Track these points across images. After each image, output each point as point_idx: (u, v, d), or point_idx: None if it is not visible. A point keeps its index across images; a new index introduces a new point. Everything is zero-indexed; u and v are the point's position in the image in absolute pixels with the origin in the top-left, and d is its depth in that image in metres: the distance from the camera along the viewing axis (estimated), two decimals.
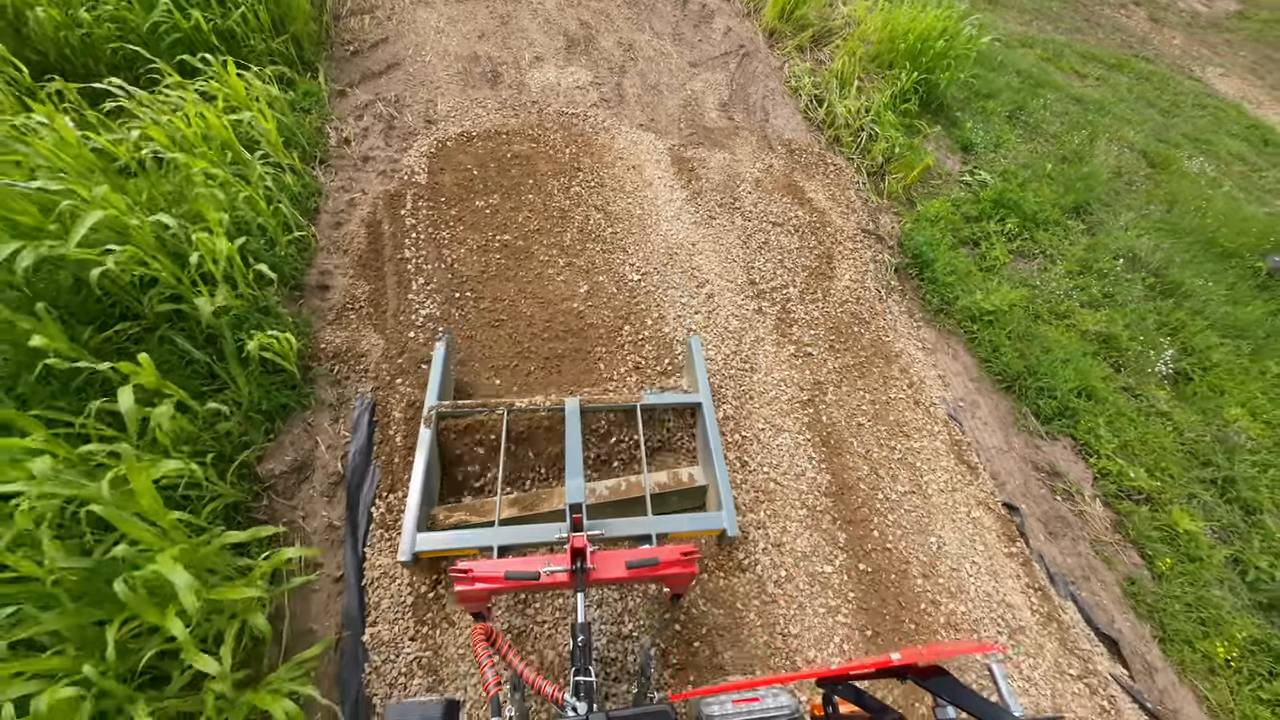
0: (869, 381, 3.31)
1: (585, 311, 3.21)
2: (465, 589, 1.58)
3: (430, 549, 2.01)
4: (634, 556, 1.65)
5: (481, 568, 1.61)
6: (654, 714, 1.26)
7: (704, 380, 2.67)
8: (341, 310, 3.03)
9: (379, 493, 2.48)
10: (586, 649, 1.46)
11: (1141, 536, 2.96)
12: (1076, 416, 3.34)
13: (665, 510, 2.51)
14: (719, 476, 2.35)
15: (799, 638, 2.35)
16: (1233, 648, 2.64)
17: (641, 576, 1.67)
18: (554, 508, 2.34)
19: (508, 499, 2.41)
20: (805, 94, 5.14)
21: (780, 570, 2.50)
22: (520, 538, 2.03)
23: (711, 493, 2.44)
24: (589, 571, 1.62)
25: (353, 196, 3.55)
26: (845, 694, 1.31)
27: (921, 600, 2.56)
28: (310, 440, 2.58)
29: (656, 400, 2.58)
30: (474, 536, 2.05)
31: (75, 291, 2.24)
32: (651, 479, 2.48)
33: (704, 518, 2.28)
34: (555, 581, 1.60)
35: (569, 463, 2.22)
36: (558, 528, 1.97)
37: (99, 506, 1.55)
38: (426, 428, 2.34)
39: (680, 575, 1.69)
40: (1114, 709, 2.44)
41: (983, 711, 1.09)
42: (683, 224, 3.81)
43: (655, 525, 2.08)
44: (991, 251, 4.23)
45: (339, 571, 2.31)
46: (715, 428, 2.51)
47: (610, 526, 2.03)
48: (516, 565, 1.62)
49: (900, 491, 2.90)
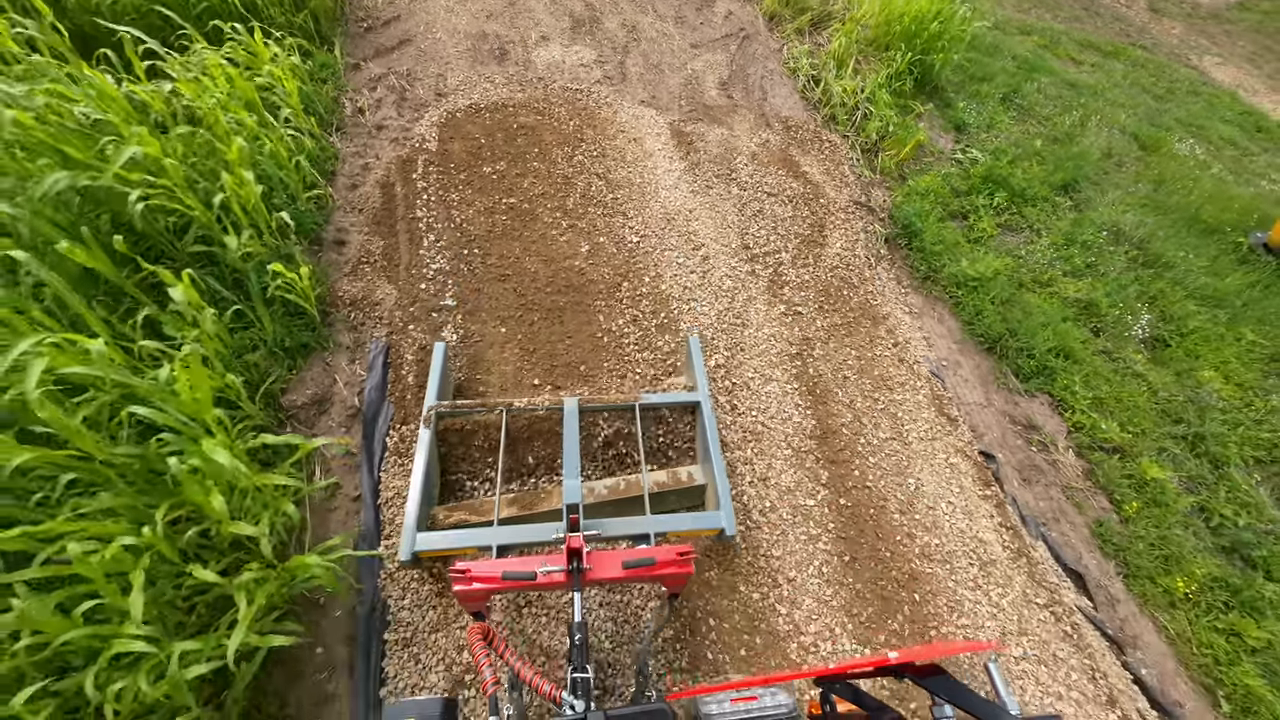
0: (856, 339, 3.48)
1: (586, 269, 3.39)
2: (463, 589, 1.58)
3: (430, 548, 2.03)
4: (630, 556, 1.65)
5: (479, 568, 1.60)
6: (651, 713, 1.25)
7: (703, 379, 2.65)
8: (357, 263, 3.22)
9: (393, 424, 2.67)
10: (583, 648, 1.47)
11: (1111, 483, 3.12)
12: (1054, 375, 3.50)
13: (664, 509, 2.51)
14: (718, 476, 2.34)
15: (781, 560, 2.52)
16: (1192, 583, 2.80)
17: (638, 576, 1.67)
18: (553, 507, 2.34)
19: (507, 498, 2.40)
20: (803, 74, 5.29)
21: (765, 501, 2.68)
22: (518, 537, 2.03)
23: (710, 492, 2.44)
24: (585, 571, 1.62)
25: (367, 161, 3.74)
26: (843, 692, 1.31)
27: (898, 533, 2.73)
28: (329, 378, 2.78)
29: (655, 399, 2.55)
30: (473, 536, 2.06)
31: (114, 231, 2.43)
32: (650, 478, 2.47)
33: (702, 517, 2.26)
34: (552, 581, 1.60)
35: (567, 463, 2.21)
36: (555, 527, 1.99)
37: (150, 402, 1.74)
38: (426, 428, 2.34)
39: (677, 575, 1.67)
40: (1076, 634, 2.60)
41: (980, 710, 1.09)
42: (681, 192, 3.98)
43: (653, 525, 2.09)
44: (979, 224, 4.38)
45: (356, 492, 2.50)
46: (714, 427, 2.50)
47: (608, 526, 2.03)
48: (513, 565, 1.63)
49: (882, 438, 3.06)
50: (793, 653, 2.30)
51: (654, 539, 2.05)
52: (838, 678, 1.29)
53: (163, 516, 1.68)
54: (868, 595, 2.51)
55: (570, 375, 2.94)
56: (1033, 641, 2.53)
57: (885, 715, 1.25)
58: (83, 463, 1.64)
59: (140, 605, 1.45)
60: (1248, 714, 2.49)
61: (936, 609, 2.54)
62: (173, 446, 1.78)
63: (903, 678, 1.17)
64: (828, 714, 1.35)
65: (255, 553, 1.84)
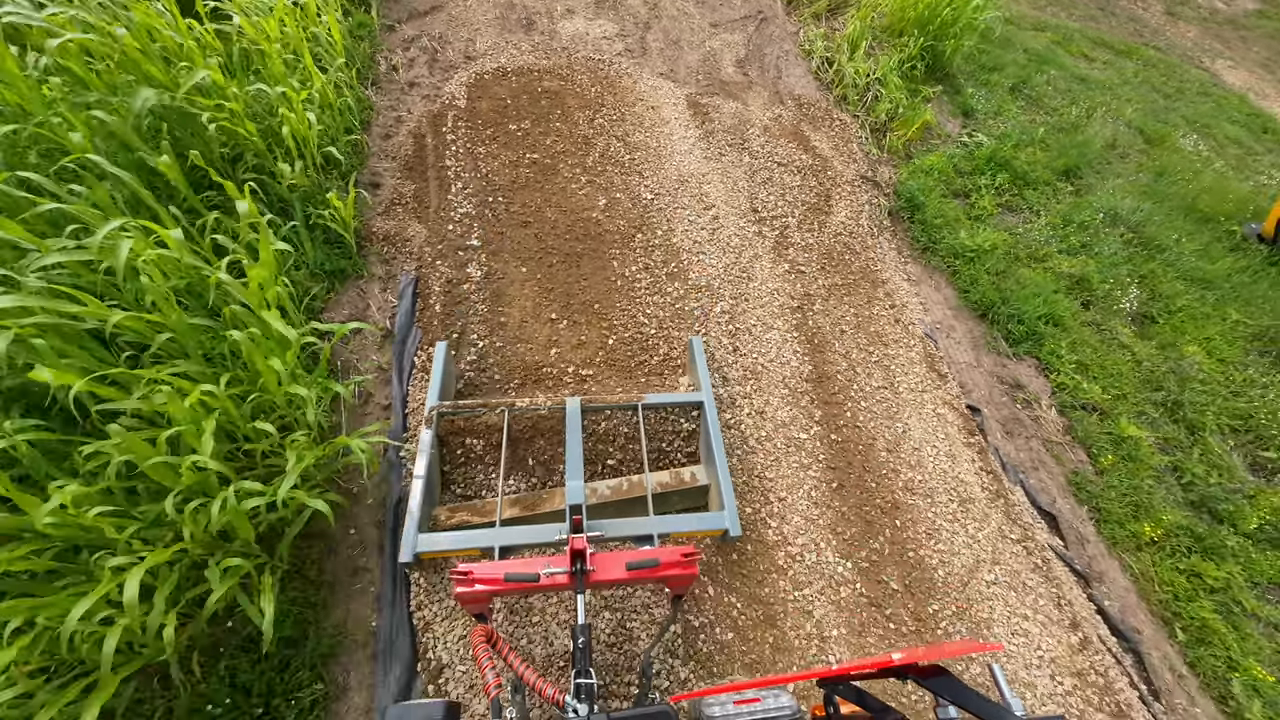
0: (855, 299, 3.67)
1: (603, 220, 3.60)
2: (465, 591, 1.58)
3: (432, 550, 2.00)
4: (634, 558, 1.65)
5: (482, 570, 1.60)
6: (655, 714, 1.25)
7: (706, 380, 2.63)
8: (390, 204, 3.45)
9: (420, 346, 2.90)
10: (587, 650, 1.47)
11: (1089, 439, 3.31)
12: (1042, 340, 3.68)
13: (667, 510, 2.51)
14: (721, 476, 2.32)
15: (774, 481, 2.73)
16: (1159, 529, 2.98)
17: (642, 578, 1.66)
18: (556, 508, 2.32)
19: (509, 499, 2.39)
20: (817, 56, 5.47)
21: (761, 431, 2.89)
22: (521, 539, 2.01)
23: (713, 492, 2.42)
24: (589, 573, 1.61)
25: (400, 114, 3.97)
26: (846, 694, 1.30)
27: (884, 468, 2.93)
28: (363, 302, 3.01)
29: (659, 400, 2.54)
30: (475, 537, 2.03)
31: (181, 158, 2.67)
32: (653, 479, 2.44)
33: (706, 518, 2.23)
34: (555, 583, 1.59)
35: (569, 463, 2.19)
36: (558, 528, 1.97)
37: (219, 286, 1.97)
38: (427, 428, 2.32)
39: (681, 576, 1.66)
40: (1046, 567, 2.80)
41: (984, 711, 1.08)
42: (694, 158, 4.18)
43: (656, 525, 2.06)
44: (980, 202, 4.55)
45: (386, 402, 2.73)
46: (718, 427, 2.47)
47: (611, 527, 2.01)
48: (516, 567, 1.62)
49: (874, 386, 3.26)
50: (780, 559, 2.51)
51: (657, 540, 2.02)
52: (841, 679, 1.28)
53: (226, 381, 1.91)
54: (852, 518, 2.72)
55: (585, 312, 3.15)
56: (1004, 570, 2.73)
57: (889, 717, 1.22)
58: (164, 330, 1.87)
59: (210, 445, 1.68)
60: (1201, 644, 2.68)
61: (915, 535, 2.74)
62: (239, 312, 2.01)
63: (906, 679, 1.14)
64: (831, 715, 1.34)
65: (302, 424, 2.06)
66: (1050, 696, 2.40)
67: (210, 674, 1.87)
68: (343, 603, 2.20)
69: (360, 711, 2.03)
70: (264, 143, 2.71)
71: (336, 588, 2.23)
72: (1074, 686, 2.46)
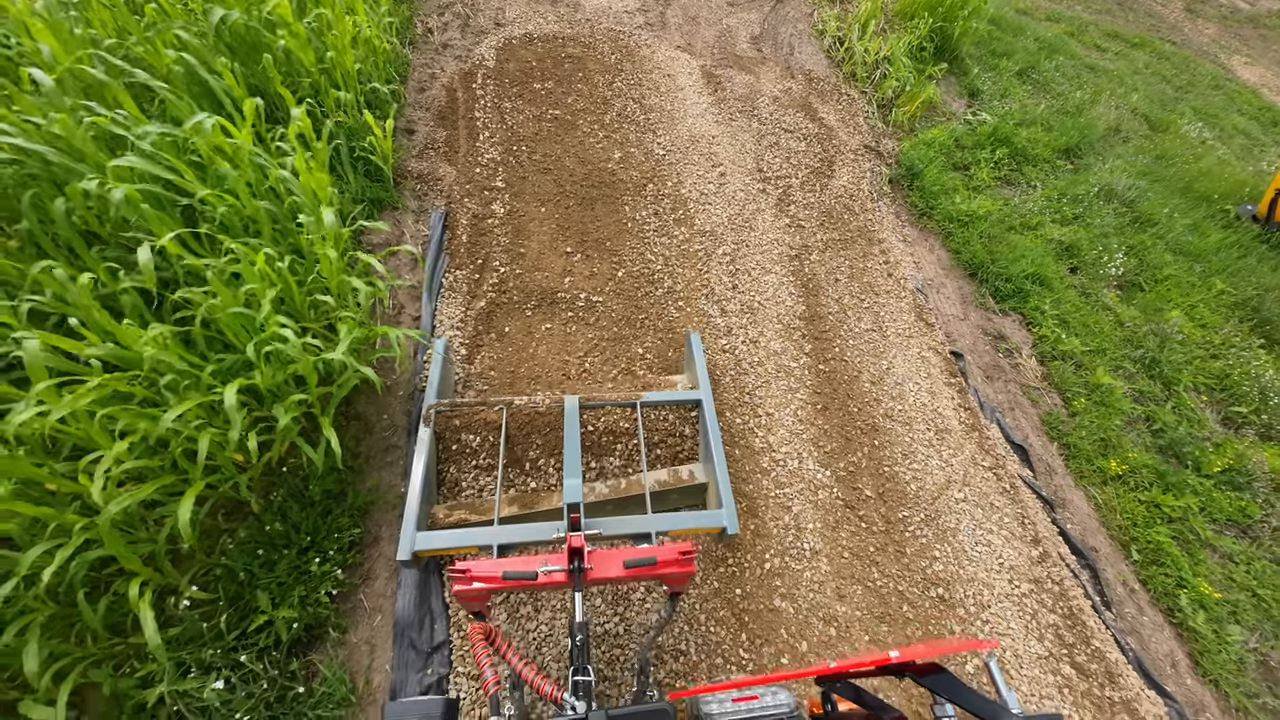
0: (851, 253, 3.92)
1: (617, 170, 3.88)
2: (463, 588, 1.58)
3: (429, 548, 1.98)
4: (632, 556, 1.65)
5: (480, 567, 1.60)
6: (653, 712, 1.25)
7: (704, 377, 2.61)
8: (424, 148, 3.77)
9: (448, 269, 3.21)
10: (585, 648, 1.47)
11: (1065, 385, 3.52)
12: (1027, 296, 3.89)
13: (665, 508, 2.52)
14: (719, 474, 2.31)
15: (763, 400, 3.00)
16: (1125, 465, 3.19)
17: (639, 576, 1.66)
18: (554, 506, 2.34)
19: (507, 497, 2.39)
20: (830, 36, 5.70)
21: (754, 356, 3.15)
22: (519, 536, 2.01)
23: (712, 490, 2.41)
24: (587, 571, 1.62)
25: (434, 72, 4.29)
26: (844, 692, 1.29)
27: (866, 397, 3.18)
28: (398, 230, 3.32)
29: (657, 397, 2.52)
30: (473, 535, 2.03)
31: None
32: (651, 477, 2.44)
33: (704, 515, 2.20)
34: (553, 581, 1.60)
35: (568, 461, 2.18)
36: (556, 526, 1.96)
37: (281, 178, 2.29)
38: (426, 426, 2.31)
39: (678, 574, 1.67)
40: (1014, 492, 3.02)
41: (981, 709, 1.08)
42: (706, 121, 4.45)
43: (655, 524, 2.06)
44: (979, 174, 4.75)
45: (416, 314, 3.04)
46: (716, 425, 2.45)
47: (609, 525, 2.01)
48: (514, 565, 1.62)
49: (863, 328, 3.51)
50: (764, 463, 2.77)
51: (655, 538, 2.03)
52: (838, 677, 1.27)
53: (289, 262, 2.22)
54: (834, 434, 2.97)
55: (598, 248, 3.44)
56: (974, 491, 2.96)
57: (887, 714, 1.22)
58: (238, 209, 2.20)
59: (271, 301, 1.99)
60: (1154, 565, 2.89)
61: (891, 454, 2.99)
62: (296, 202, 2.34)
63: (904, 676, 1.14)
64: (829, 713, 1.34)
65: (351, 308, 2.37)
66: (1007, 596, 2.64)
67: (266, 511, 2.19)
68: (376, 472, 2.51)
69: (387, 559, 2.33)
70: (319, 73, 3.04)
71: (371, 459, 2.54)
72: (1030, 590, 2.69)
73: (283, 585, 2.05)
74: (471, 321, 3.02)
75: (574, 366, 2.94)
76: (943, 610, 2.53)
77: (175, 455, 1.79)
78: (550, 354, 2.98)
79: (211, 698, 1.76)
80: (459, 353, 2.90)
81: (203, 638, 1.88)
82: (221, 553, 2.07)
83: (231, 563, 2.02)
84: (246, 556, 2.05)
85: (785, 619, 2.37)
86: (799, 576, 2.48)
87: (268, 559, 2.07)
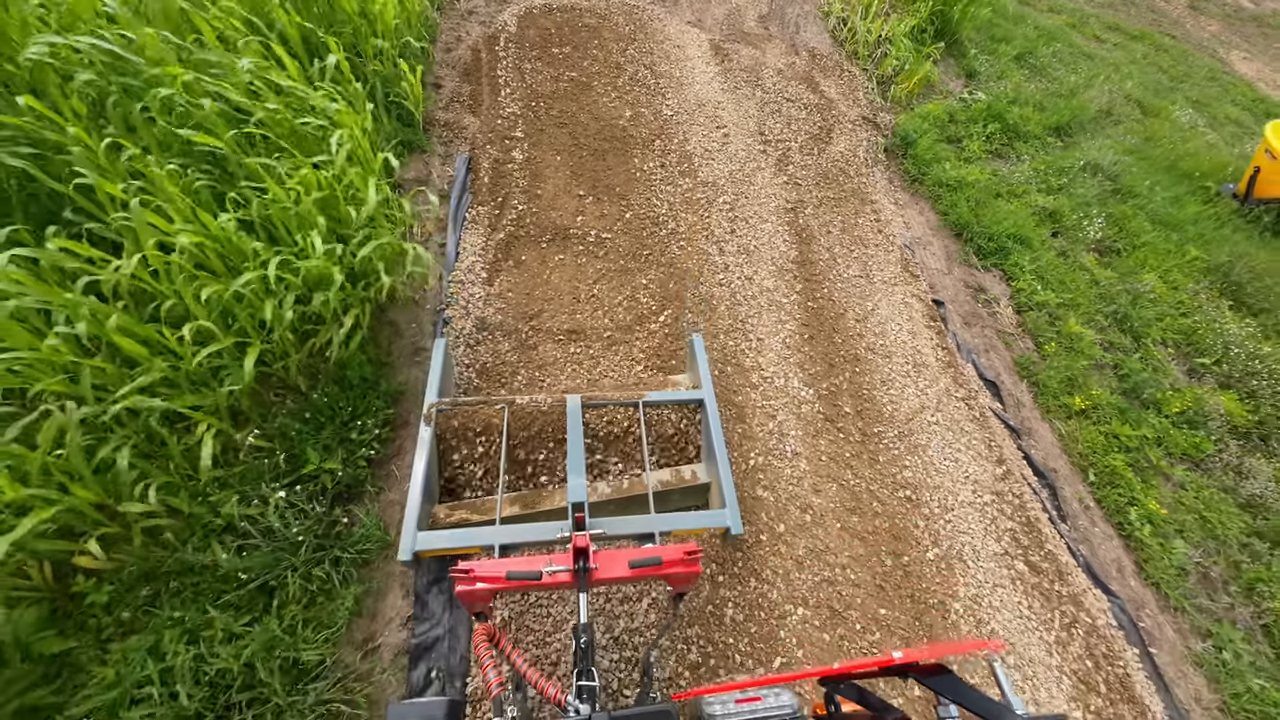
0: (844, 210, 4.19)
1: (628, 127, 4.18)
2: (466, 589, 1.56)
3: (431, 548, 1.96)
4: (637, 556, 1.64)
5: (483, 567, 1.58)
6: (656, 714, 1.24)
7: (707, 377, 2.59)
8: (450, 101, 4.08)
9: (470, 206, 3.52)
10: (589, 649, 1.45)
11: (1038, 331, 3.78)
12: (1008, 254, 4.15)
13: (668, 508, 2.52)
14: (722, 474, 2.30)
15: (755, 327, 3.28)
16: (1088, 402, 3.45)
17: (644, 576, 1.65)
18: (556, 506, 2.33)
19: (509, 497, 2.37)
20: (835, 16, 5.97)
21: (748, 291, 3.44)
22: (522, 536, 1.99)
23: (715, 490, 2.41)
24: (591, 571, 1.60)
25: (459, 34, 4.60)
26: (847, 693, 1.29)
27: (850, 332, 3.46)
28: (426, 169, 3.64)
29: (660, 397, 2.52)
30: (475, 535, 2.01)
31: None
32: (654, 477, 2.44)
33: (708, 515, 2.20)
34: (557, 581, 1.58)
35: (571, 461, 2.17)
36: (559, 526, 1.94)
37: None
38: (426, 425, 2.29)
39: (683, 574, 1.66)
40: (983, 420, 3.29)
41: (985, 709, 1.07)
42: (712, 88, 4.73)
43: (658, 523, 2.04)
44: (971, 146, 5.01)
45: (444, 242, 3.35)
46: (719, 425, 2.44)
47: (613, 525, 1.99)
48: (518, 565, 1.60)
49: (851, 275, 3.78)
50: (754, 379, 3.06)
51: (659, 538, 2.01)
52: (842, 678, 1.27)
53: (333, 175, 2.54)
54: (818, 360, 3.25)
55: (608, 193, 3.74)
56: (946, 417, 3.23)
57: (890, 715, 1.22)
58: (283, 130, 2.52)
59: (315, 201, 2.31)
60: (1109, 485, 3.15)
61: (871, 381, 3.26)
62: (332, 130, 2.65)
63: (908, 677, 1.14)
64: (832, 714, 1.34)
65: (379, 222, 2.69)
66: (969, 504, 2.91)
67: (312, 390, 2.50)
68: (405, 369, 2.82)
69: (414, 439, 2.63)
70: (360, 19, 3.36)
71: (401, 358, 2.85)
72: (991, 500, 2.96)
73: (328, 447, 2.36)
74: (492, 250, 3.33)
75: (584, 292, 3.24)
76: (909, 508, 2.81)
77: (243, 323, 2.11)
78: (562, 280, 3.28)
79: (273, 518, 2.07)
80: (480, 275, 3.21)
81: (262, 477, 2.20)
82: (276, 417, 2.38)
83: (285, 422, 2.34)
84: (297, 422, 2.37)
85: (766, 506, 2.65)
86: (780, 472, 2.77)
87: (315, 422, 2.38)
